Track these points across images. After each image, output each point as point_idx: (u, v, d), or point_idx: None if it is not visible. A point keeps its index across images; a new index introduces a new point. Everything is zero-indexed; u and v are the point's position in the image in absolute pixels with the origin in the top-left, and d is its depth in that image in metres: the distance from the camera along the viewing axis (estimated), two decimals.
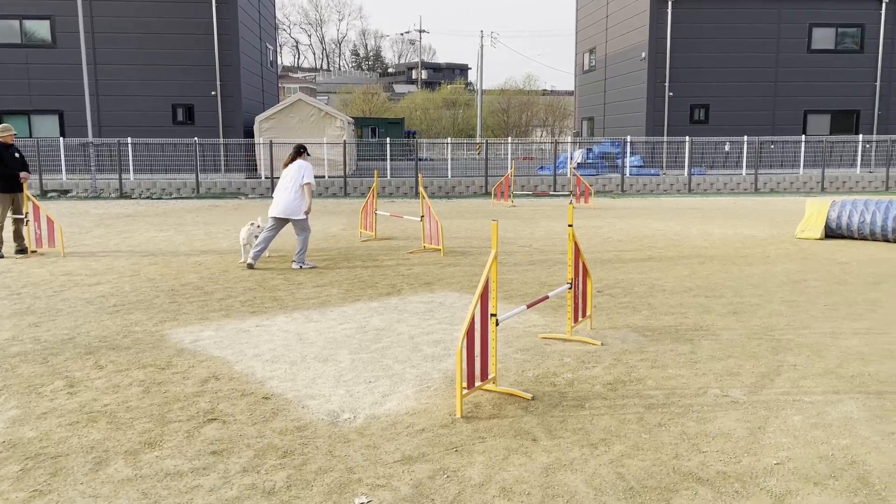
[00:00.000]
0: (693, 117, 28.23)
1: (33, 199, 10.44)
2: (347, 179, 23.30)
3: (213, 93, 25.67)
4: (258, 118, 25.29)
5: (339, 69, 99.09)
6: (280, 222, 9.48)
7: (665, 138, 26.99)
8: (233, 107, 25.98)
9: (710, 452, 3.79)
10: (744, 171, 25.29)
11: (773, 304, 7.22)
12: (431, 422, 4.25)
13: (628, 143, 25.41)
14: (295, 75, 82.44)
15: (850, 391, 4.68)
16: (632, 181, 24.26)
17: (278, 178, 9.75)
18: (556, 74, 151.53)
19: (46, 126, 25.26)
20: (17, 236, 10.33)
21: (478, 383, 4.59)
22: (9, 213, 10.24)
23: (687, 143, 24.50)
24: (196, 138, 23.42)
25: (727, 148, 26.22)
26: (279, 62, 54.15)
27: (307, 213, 9.29)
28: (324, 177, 24.21)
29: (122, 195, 22.01)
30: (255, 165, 24.87)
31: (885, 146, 25.84)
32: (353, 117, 37.31)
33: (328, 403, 4.55)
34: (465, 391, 4.42)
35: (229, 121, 25.91)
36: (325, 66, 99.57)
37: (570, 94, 50.53)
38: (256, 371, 5.19)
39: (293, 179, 9.24)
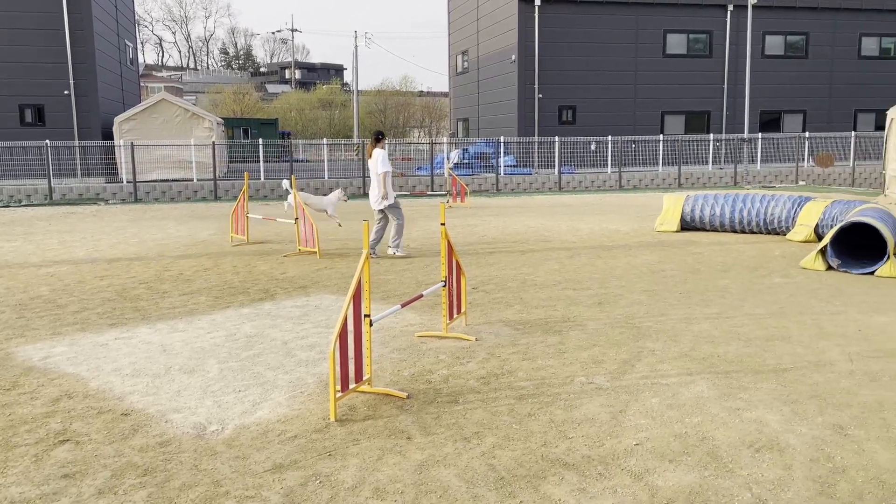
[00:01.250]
0: (562, 118, 29.36)
1: None
2: (218, 182, 22.45)
3: (65, 92, 23.93)
4: (118, 119, 23.84)
5: (208, 68, 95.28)
6: (381, 213, 9.98)
7: (536, 139, 27.91)
8: (88, 107, 24.34)
9: (576, 438, 3.94)
10: (609, 170, 26.59)
11: (635, 293, 7.63)
12: (304, 428, 4.16)
13: (502, 144, 26.07)
14: (159, 74, 78.45)
15: (702, 372, 5.03)
16: (506, 180, 24.91)
17: (143, 181, 9.20)
18: (431, 76, 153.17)
19: None
20: None
21: (352, 385, 4.54)
22: None
23: (556, 143, 25.45)
24: (47, 141, 21.75)
25: (593, 147, 27.49)
26: (141, 60, 51.27)
27: (385, 198, 9.71)
28: (192, 180, 23.19)
29: None
30: (116, 169, 23.44)
31: (734, 144, 28.00)
32: (223, 118, 36.02)
33: (194, 416, 4.35)
34: (339, 394, 4.37)
35: (85, 122, 24.26)
36: (192, 65, 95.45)
37: (446, 95, 51.20)
38: (115, 386, 4.88)
39: (373, 171, 9.78)
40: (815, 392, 4.60)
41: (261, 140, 25.76)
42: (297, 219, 10.75)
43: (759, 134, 28.81)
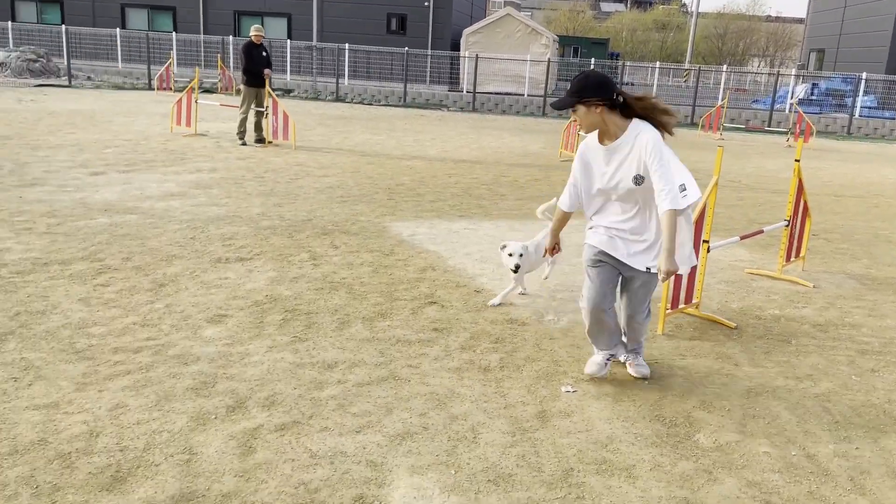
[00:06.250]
0: None
1: (273, 94, 11.62)
2: (548, 99, 23.17)
3: (426, 3, 26.27)
4: (466, 31, 25.62)
5: None
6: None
7: None
8: (443, 19, 26.49)
9: None
10: None
11: None
12: None
13: (863, 81, 22.76)
14: None
15: None
16: (861, 123, 21.87)
17: (481, 92, 9.89)
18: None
19: (276, 28, 27.35)
20: (258, 128, 11.61)
21: (681, 305, 4.69)
22: (252, 106, 11.50)
23: None
24: (406, 48, 24.30)
25: None
26: None
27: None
28: (523, 95, 24.23)
29: (338, 98, 23.58)
30: (458, 79, 25.42)
31: None
32: (556, 35, 36.54)
33: (533, 304, 4.89)
34: (668, 311, 4.56)
35: (439, 33, 26.52)
36: None
37: (799, 21, 45.53)
38: (467, 267, 5.64)
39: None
40: None
41: (592, 59, 25.79)
42: None
43: None
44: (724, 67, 28.49)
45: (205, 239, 5.91)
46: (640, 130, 3.28)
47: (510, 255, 4.74)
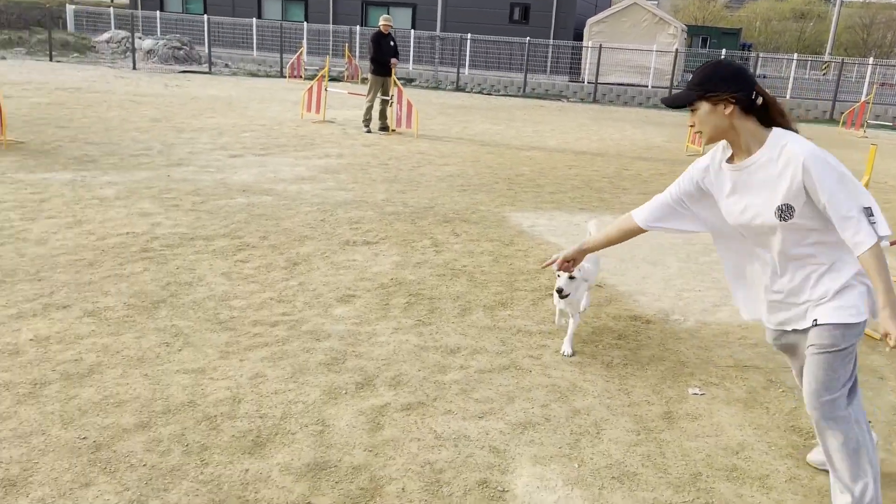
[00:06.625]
0: None
1: (398, 83, 11.88)
2: (673, 91, 22.36)
3: None
4: (590, 21, 25.12)
5: None
6: None
7: None
8: (567, 8, 26.08)
9: None
10: None
11: None
12: (763, 337, 4.24)
13: None
14: None
15: None
16: None
17: (602, 83, 9.67)
18: None
19: (401, 17, 27.87)
20: (382, 116, 11.92)
21: None
22: (378, 95, 11.81)
23: None
24: (528, 38, 24.13)
25: None
26: None
27: None
28: (647, 86, 23.50)
29: (458, 88, 23.77)
30: (580, 69, 24.98)
31: None
32: (685, 24, 35.12)
33: (658, 302, 4.77)
34: None
35: (562, 22, 26.14)
36: None
37: None
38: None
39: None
40: None
41: (723, 50, 24.64)
42: None
43: None
44: (870, 60, 26.43)
45: (334, 222, 6.15)
46: (786, 141, 2.30)
47: (558, 275, 3.76)
